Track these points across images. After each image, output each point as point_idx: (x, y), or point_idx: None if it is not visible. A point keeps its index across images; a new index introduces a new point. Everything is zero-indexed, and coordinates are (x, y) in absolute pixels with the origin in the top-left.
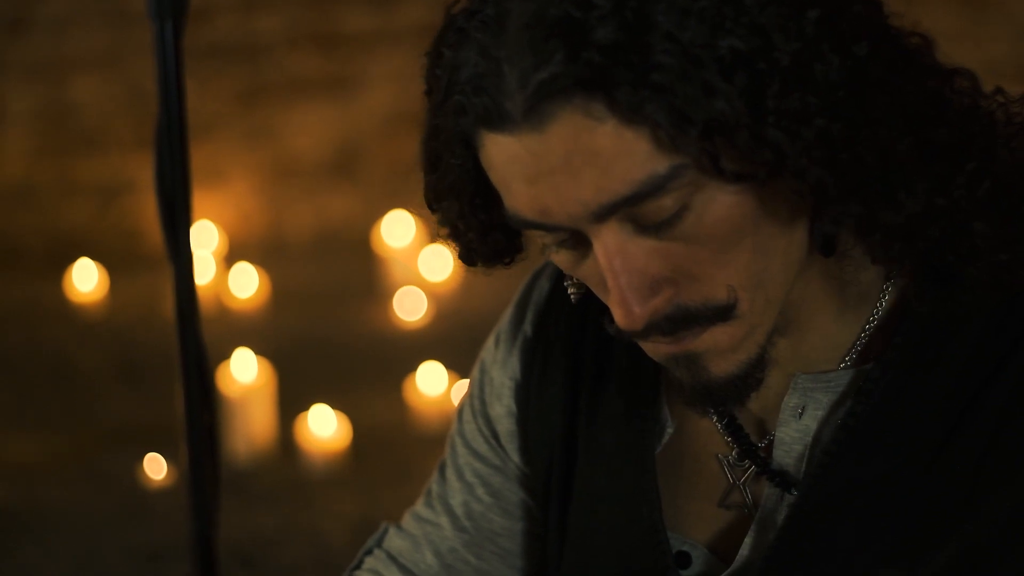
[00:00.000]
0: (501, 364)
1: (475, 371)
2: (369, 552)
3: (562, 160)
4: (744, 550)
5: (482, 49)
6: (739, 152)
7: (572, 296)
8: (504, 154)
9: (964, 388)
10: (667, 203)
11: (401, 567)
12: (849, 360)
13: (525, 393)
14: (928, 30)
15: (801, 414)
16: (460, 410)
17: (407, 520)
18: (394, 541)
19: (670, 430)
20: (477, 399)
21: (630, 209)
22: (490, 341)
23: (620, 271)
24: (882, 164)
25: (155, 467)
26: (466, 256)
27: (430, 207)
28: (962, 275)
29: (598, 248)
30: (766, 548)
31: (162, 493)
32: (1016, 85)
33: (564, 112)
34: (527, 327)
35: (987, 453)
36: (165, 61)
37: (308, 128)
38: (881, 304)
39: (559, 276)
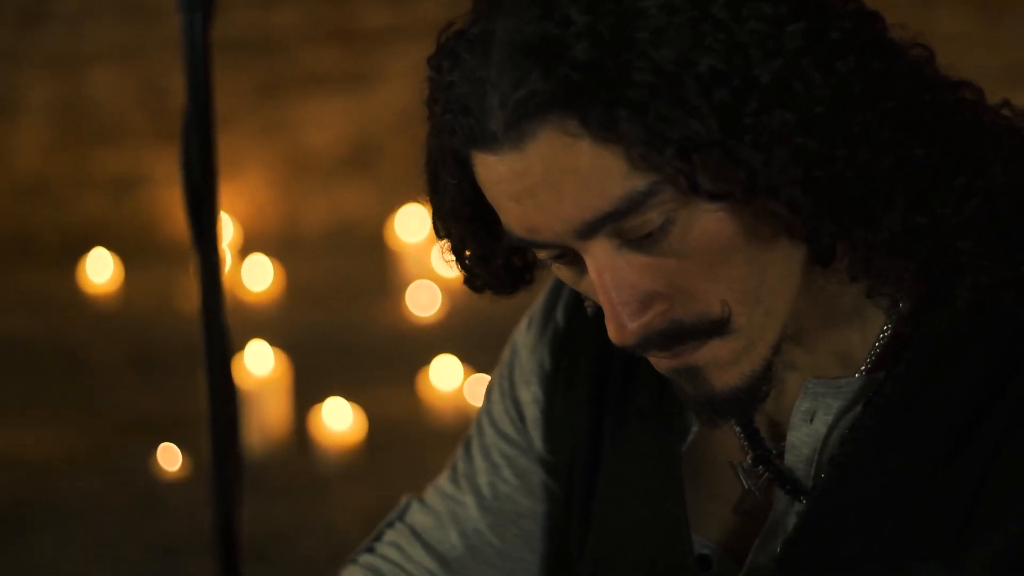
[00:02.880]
0: (531, 348)
1: (506, 351)
2: (391, 525)
3: (542, 178)
4: (753, 554)
5: (469, 70)
6: (713, 171)
7: (588, 309)
8: (492, 174)
9: (972, 401)
10: (651, 219)
11: (425, 544)
12: (864, 368)
13: (553, 383)
14: (944, 35)
15: (812, 419)
16: (489, 389)
17: (431, 495)
18: (417, 516)
19: (695, 429)
20: (507, 380)
21: (615, 225)
22: (523, 323)
23: (611, 286)
24: (860, 182)
25: (170, 458)
26: (471, 283)
27: (437, 234)
28: (951, 295)
29: (589, 264)
30: (774, 553)
31: (177, 485)
32: None
33: (542, 130)
34: (559, 316)
35: (990, 469)
36: (193, 53)
37: (324, 122)
38: (898, 309)
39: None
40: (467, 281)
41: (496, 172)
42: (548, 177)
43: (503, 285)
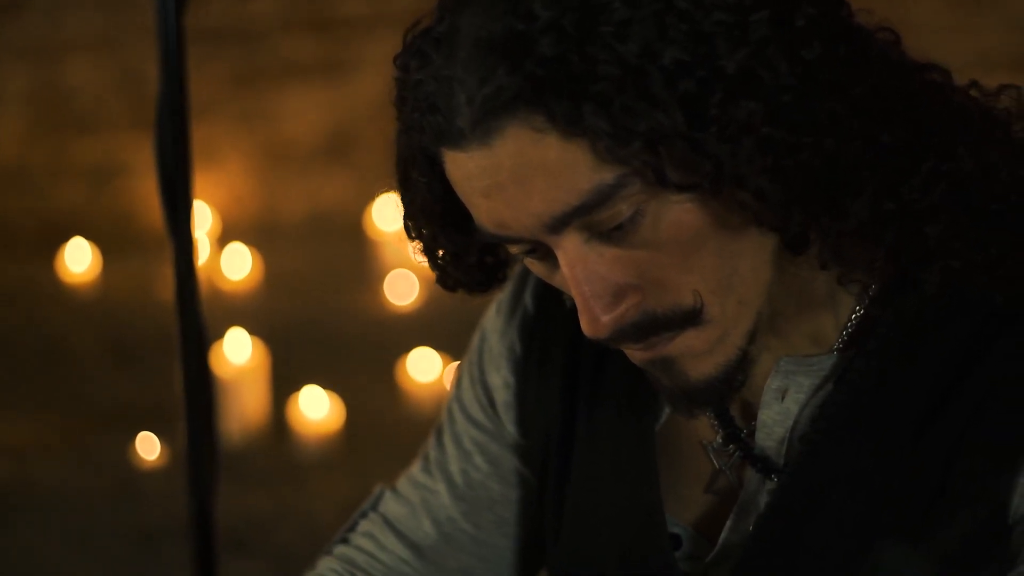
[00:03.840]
0: (500, 333)
1: (475, 337)
2: (364, 515)
3: (510, 174)
4: (726, 533)
5: (435, 68)
6: (680, 162)
7: (566, 301)
8: (460, 170)
9: (941, 381)
10: (620, 211)
11: (398, 533)
12: (836, 348)
13: (524, 367)
14: (920, 23)
15: (783, 397)
16: (458, 376)
17: (404, 485)
18: (391, 506)
19: (667, 410)
20: (476, 366)
21: (585, 219)
22: (491, 309)
23: (582, 280)
24: (828, 170)
25: (148, 447)
26: (443, 282)
27: (409, 234)
28: (920, 280)
29: (560, 258)
30: (747, 531)
31: (155, 473)
32: (1009, 76)
33: (510, 126)
34: (528, 300)
35: (958, 450)
36: (167, 40)
37: (302, 111)
38: (869, 293)
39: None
40: (440, 280)
41: (465, 169)
42: (516, 173)
43: (476, 283)
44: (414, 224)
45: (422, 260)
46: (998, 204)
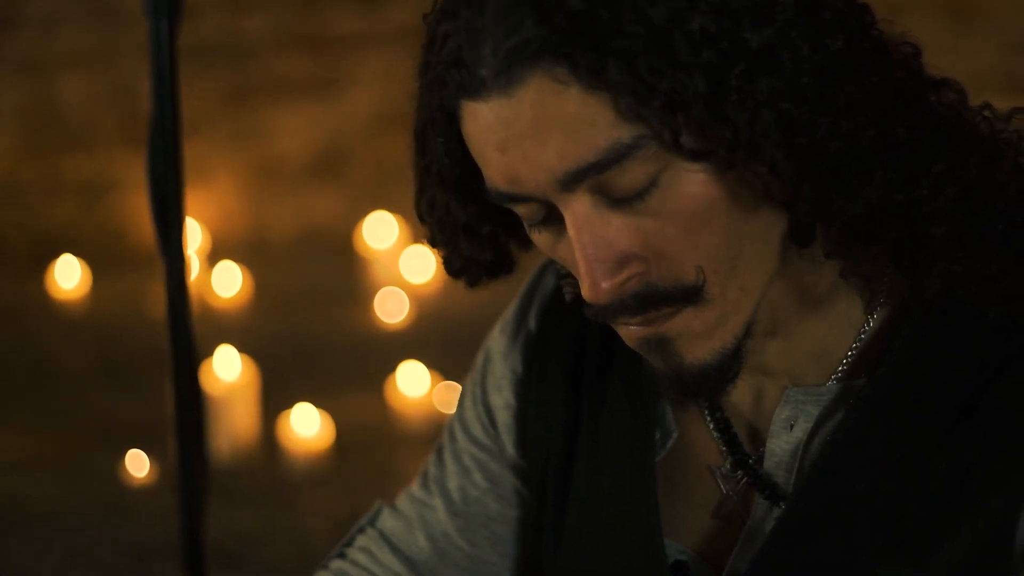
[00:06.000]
0: (503, 354)
1: (479, 358)
2: (362, 530)
3: (530, 125)
4: (732, 560)
5: (464, 23)
6: (698, 128)
7: (567, 295)
8: (478, 123)
9: (951, 409)
10: (634, 175)
11: (393, 547)
12: (840, 372)
13: (525, 388)
14: (913, 40)
15: (792, 427)
16: (462, 395)
17: (402, 501)
18: (388, 521)
19: (675, 434)
20: (479, 386)
21: (597, 179)
22: (495, 330)
23: (588, 242)
24: (841, 151)
25: (137, 464)
26: (450, 265)
27: (420, 216)
28: (921, 286)
29: (568, 219)
30: (752, 559)
31: (146, 490)
32: (1001, 97)
33: (532, 77)
34: (531, 322)
35: (970, 475)
36: (160, 59)
37: (293, 129)
38: (873, 316)
39: (565, 274)
40: (447, 263)
41: (484, 120)
42: (535, 124)
43: (484, 264)
44: (427, 194)
45: (431, 243)
46: (1004, 221)
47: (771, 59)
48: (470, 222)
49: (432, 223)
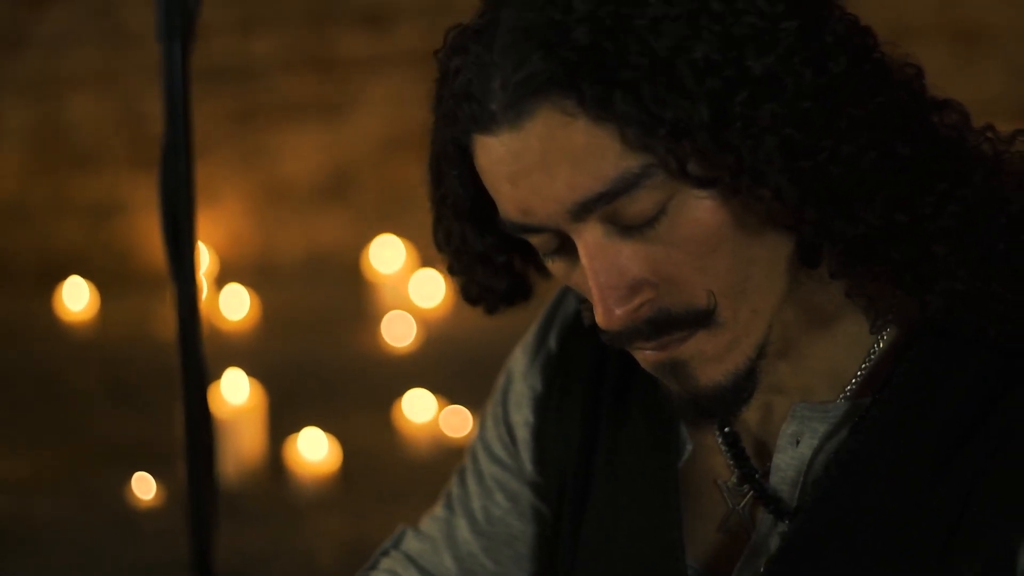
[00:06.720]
0: (523, 374)
1: (501, 378)
2: (386, 553)
3: (539, 158)
4: (736, 575)
5: (474, 58)
6: (703, 155)
7: (586, 319)
8: (490, 156)
9: (956, 430)
10: (643, 204)
11: (420, 568)
12: (849, 391)
13: (545, 406)
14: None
15: (798, 443)
16: (483, 417)
17: (425, 523)
18: (412, 543)
19: (690, 447)
20: (500, 406)
21: (607, 208)
22: (517, 350)
23: (600, 270)
24: (843, 175)
25: (144, 487)
26: (467, 292)
27: (438, 246)
28: (925, 306)
29: (580, 248)
30: (758, 574)
31: (153, 511)
32: (1010, 123)
33: (541, 110)
34: (552, 342)
35: (973, 495)
36: (172, 82)
37: (301, 151)
38: (883, 337)
39: (583, 298)
40: (464, 291)
41: (495, 153)
42: (544, 156)
43: (500, 292)
44: (443, 225)
45: (450, 272)
46: (1006, 240)
47: (774, 85)
48: (486, 251)
49: (449, 252)
